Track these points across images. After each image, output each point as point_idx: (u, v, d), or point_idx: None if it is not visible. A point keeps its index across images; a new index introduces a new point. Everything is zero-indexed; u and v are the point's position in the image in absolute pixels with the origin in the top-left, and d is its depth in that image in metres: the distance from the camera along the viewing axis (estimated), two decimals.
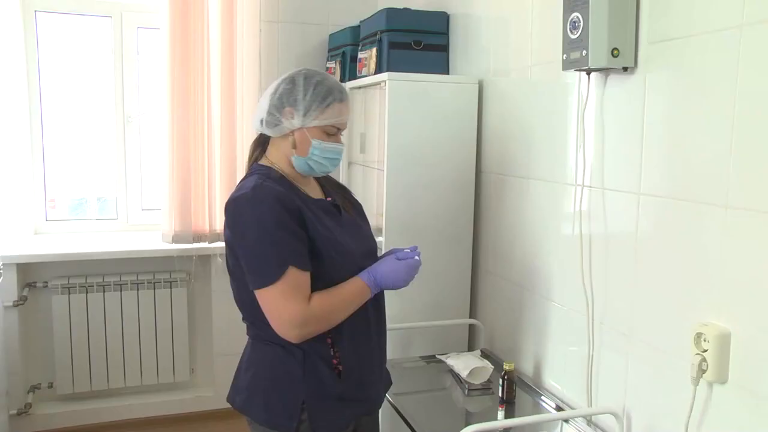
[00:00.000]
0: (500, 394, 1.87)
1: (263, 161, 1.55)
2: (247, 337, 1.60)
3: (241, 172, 3.08)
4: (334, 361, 1.48)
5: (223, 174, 3.02)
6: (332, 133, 1.52)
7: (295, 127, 1.49)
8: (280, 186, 1.45)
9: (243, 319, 1.57)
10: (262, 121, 1.52)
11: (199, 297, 3.18)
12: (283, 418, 1.45)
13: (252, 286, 1.41)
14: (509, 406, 1.82)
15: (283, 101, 1.49)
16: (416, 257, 1.55)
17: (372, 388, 1.58)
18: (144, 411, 3.12)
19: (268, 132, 1.52)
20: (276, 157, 1.54)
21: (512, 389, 1.85)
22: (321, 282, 1.44)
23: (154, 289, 3.04)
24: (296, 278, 1.39)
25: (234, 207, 1.42)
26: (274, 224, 1.38)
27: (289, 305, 1.38)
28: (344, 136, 1.62)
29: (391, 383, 1.68)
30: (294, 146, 1.50)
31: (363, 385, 1.54)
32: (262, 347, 1.52)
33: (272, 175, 1.50)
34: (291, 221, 1.40)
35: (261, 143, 1.59)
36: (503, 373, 1.85)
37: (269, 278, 1.37)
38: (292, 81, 1.51)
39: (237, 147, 3.04)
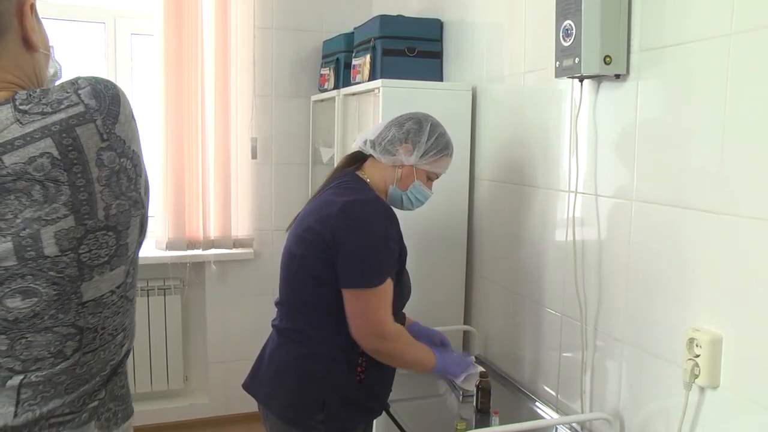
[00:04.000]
0: (474, 404, 1.85)
1: (359, 174, 1.67)
2: (273, 333, 1.66)
3: (235, 179, 3.08)
4: (359, 369, 1.56)
5: (217, 181, 3.02)
6: (431, 179, 1.72)
7: (408, 163, 1.65)
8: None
9: (281, 317, 1.63)
10: (372, 143, 1.66)
11: (192, 304, 3.18)
12: (302, 415, 1.53)
13: (350, 284, 1.49)
14: (484, 415, 1.80)
15: (407, 137, 1.63)
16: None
17: (383, 401, 1.68)
18: (137, 419, 3.06)
19: (379, 156, 1.65)
20: (374, 178, 1.66)
21: (487, 399, 1.82)
22: None
23: (148, 296, 3.03)
24: (389, 289, 1.51)
25: (357, 207, 1.52)
26: (389, 237, 1.52)
27: (381, 312, 1.50)
28: (337, 142, 1.64)
29: (390, 390, 1.72)
30: (399, 178, 1.64)
31: (377, 397, 1.64)
32: (292, 346, 1.58)
33: (374, 193, 1.62)
34: (398, 241, 1.56)
35: (356, 159, 1.72)
36: (477, 382, 1.83)
37: (374, 280, 1.48)
38: (419, 123, 1.66)
39: (231, 153, 3.04)
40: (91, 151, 0.84)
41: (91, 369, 0.90)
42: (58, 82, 0.98)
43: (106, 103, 0.87)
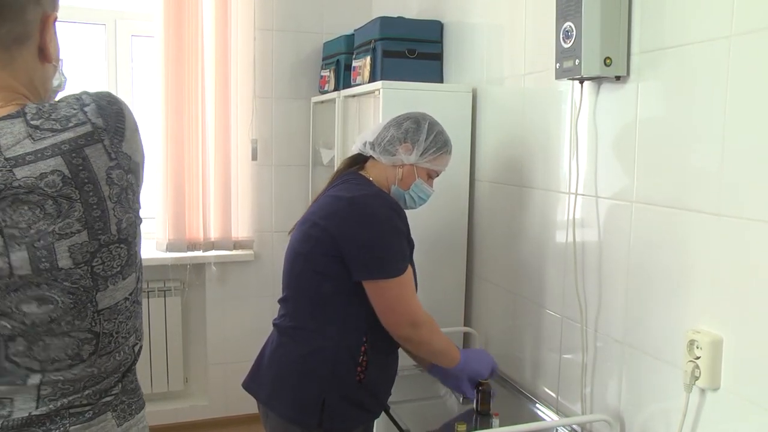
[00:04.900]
0: (474, 406, 1.84)
1: (362, 173, 1.68)
2: (274, 333, 1.66)
3: (235, 181, 3.09)
4: (359, 369, 1.56)
5: (218, 182, 3.02)
6: (432, 176, 1.73)
7: (408, 162, 1.66)
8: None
9: (284, 316, 1.63)
10: (371, 145, 1.67)
11: (193, 306, 3.17)
12: (304, 415, 1.53)
13: (374, 276, 1.50)
14: (484, 417, 1.80)
15: (406, 137, 1.66)
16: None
17: (383, 402, 1.68)
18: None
19: (379, 157, 1.67)
20: (376, 178, 1.67)
21: (486, 401, 1.81)
22: None
23: (148, 297, 3.02)
24: (411, 276, 1.54)
25: (364, 201, 1.53)
26: (400, 229, 1.55)
27: (410, 299, 1.53)
28: (337, 144, 1.65)
29: (390, 393, 1.72)
30: (400, 178, 1.66)
31: (377, 398, 1.63)
32: (294, 345, 1.58)
33: (379, 188, 1.64)
34: (406, 233, 1.58)
35: (356, 161, 1.73)
36: (478, 384, 1.83)
37: (396, 270, 1.50)
38: (417, 122, 1.68)
39: (231, 155, 3.04)
40: (101, 170, 0.86)
41: (106, 369, 0.93)
42: (60, 95, 0.99)
43: (112, 121, 0.88)
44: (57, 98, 0.99)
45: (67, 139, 0.84)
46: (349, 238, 1.50)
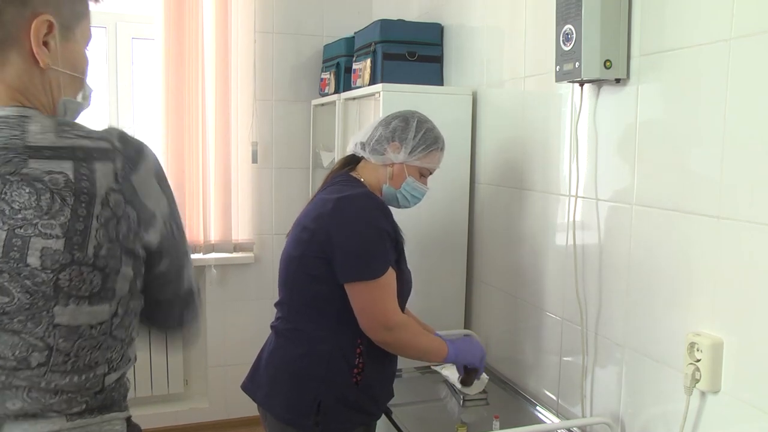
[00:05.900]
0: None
1: (353, 174, 1.69)
2: (271, 335, 1.67)
3: (236, 183, 3.09)
4: (356, 371, 1.56)
5: (218, 185, 3.02)
6: (425, 174, 1.72)
7: (397, 161, 1.66)
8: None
9: (280, 319, 1.64)
10: (362, 145, 1.69)
11: None
12: (300, 416, 1.53)
13: (351, 278, 1.50)
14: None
15: (394, 135, 1.66)
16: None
17: (382, 404, 1.68)
18: (138, 423, 3.09)
19: (369, 156, 1.68)
20: (368, 178, 1.68)
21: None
22: None
23: None
24: (392, 280, 1.53)
25: (347, 202, 1.53)
26: (383, 230, 1.53)
27: (386, 303, 1.51)
28: (338, 146, 1.65)
29: (393, 395, 1.73)
30: (390, 177, 1.65)
31: (375, 400, 1.63)
32: (290, 347, 1.59)
33: (366, 188, 1.64)
34: (391, 232, 1.56)
35: (350, 162, 1.73)
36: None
37: (374, 272, 1.49)
38: (405, 120, 1.69)
39: (231, 157, 3.04)
40: (102, 188, 0.86)
41: (59, 388, 0.89)
42: (83, 111, 1.03)
43: (130, 149, 0.91)
44: (83, 112, 1.01)
45: (85, 147, 0.86)
46: (335, 239, 1.50)
